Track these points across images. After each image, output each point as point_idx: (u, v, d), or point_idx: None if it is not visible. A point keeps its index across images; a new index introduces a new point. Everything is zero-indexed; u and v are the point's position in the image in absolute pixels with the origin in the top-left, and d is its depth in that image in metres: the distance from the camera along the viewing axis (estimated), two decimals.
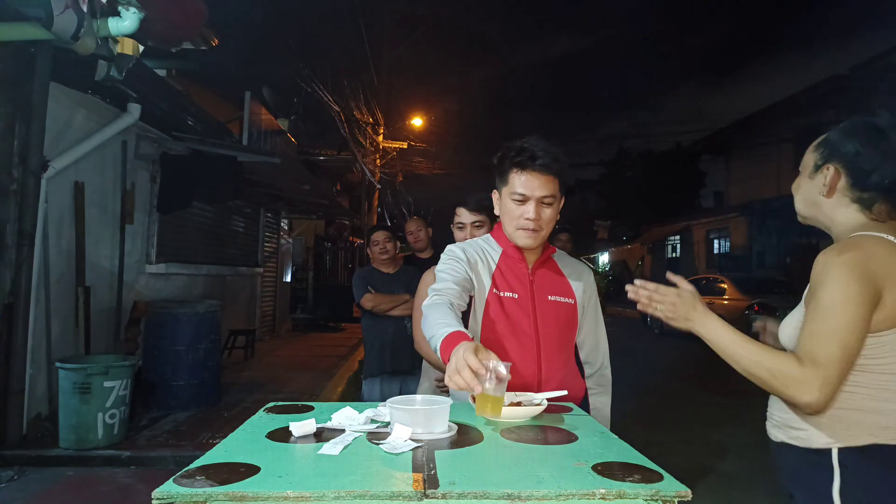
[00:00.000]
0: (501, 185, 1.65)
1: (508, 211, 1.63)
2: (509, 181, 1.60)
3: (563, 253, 1.83)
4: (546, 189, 1.58)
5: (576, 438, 1.20)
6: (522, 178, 1.58)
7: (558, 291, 1.71)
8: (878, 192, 1.24)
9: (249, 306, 9.12)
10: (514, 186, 1.59)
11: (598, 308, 1.83)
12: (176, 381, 4.85)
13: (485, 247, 1.73)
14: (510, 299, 1.64)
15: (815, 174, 1.33)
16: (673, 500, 0.90)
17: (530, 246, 1.65)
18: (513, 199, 1.60)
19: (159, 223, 5.91)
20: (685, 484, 0.92)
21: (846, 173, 1.27)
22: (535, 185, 1.57)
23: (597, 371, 1.83)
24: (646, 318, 14.68)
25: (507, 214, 1.64)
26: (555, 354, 1.66)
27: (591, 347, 1.81)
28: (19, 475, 3.50)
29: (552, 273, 1.74)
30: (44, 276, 4.20)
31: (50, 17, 3.17)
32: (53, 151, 4.20)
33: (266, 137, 8.92)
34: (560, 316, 1.69)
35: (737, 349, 1.22)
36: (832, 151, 1.30)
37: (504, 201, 1.64)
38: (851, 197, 1.28)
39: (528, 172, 1.57)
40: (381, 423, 1.27)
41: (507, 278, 1.67)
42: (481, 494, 0.88)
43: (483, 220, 2.21)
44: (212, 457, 1.05)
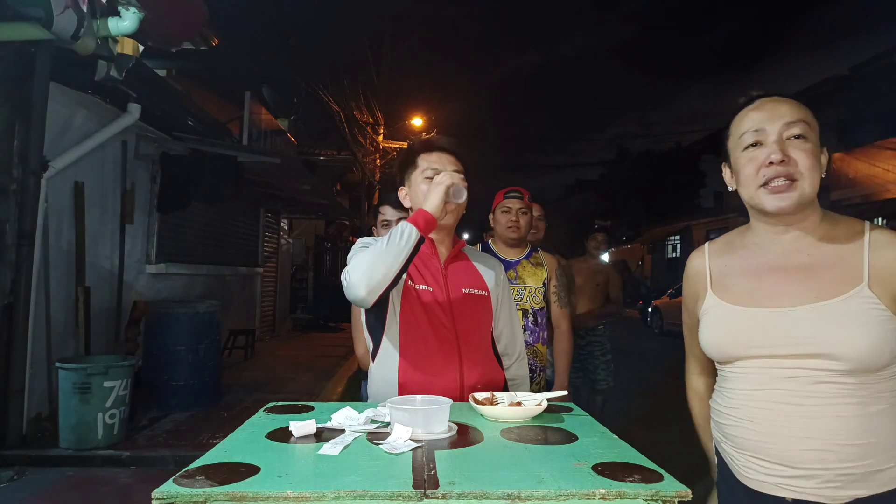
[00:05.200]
0: (411, 173, 1.68)
1: (423, 192, 1.61)
2: (419, 163, 1.66)
3: (472, 248, 1.83)
4: (455, 164, 1.64)
5: (576, 438, 1.19)
6: (433, 157, 1.65)
7: (472, 284, 1.69)
8: None
9: (249, 306, 9.12)
10: (426, 164, 1.64)
11: (511, 300, 1.83)
12: (176, 381, 4.85)
13: None
14: (426, 292, 1.62)
15: (822, 149, 1.16)
16: (673, 500, 0.90)
17: (449, 223, 1.66)
18: (426, 176, 1.62)
19: (159, 223, 5.91)
20: (685, 484, 0.92)
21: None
22: (446, 160, 1.64)
23: (514, 363, 1.81)
24: (646, 319, 14.69)
25: (421, 197, 1.62)
26: (474, 347, 1.65)
27: (509, 340, 1.79)
28: (19, 475, 3.50)
29: (464, 266, 1.73)
30: (44, 276, 4.20)
31: (50, 17, 3.17)
32: (53, 151, 4.19)
33: (266, 137, 8.92)
34: (476, 308, 1.68)
35: None
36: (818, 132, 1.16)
37: (416, 186, 1.65)
38: None
39: (436, 152, 1.65)
40: (381, 423, 1.27)
41: (421, 271, 1.65)
42: (481, 494, 0.88)
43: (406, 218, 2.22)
44: (212, 457, 1.05)
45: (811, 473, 1.07)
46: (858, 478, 1.05)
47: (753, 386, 1.14)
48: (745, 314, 1.16)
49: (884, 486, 1.05)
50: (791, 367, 1.09)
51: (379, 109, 15.32)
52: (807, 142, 1.12)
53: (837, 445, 1.05)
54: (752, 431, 1.14)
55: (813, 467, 1.07)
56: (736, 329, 1.17)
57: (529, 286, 2.52)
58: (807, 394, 1.07)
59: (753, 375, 1.14)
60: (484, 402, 1.40)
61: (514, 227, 2.56)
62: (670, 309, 13.00)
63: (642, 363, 8.48)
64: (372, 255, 1.41)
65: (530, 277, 2.54)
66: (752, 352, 1.14)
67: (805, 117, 1.14)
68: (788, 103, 1.16)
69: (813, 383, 1.07)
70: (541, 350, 2.50)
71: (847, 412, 1.05)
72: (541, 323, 2.52)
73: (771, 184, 1.12)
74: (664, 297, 13.68)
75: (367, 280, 1.39)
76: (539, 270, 2.57)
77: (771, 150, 1.12)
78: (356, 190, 15.74)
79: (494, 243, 2.67)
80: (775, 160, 1.11)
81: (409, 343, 1.58)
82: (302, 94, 10.10)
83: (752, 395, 1.14)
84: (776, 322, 1.11)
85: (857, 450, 1.05)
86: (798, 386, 1.08)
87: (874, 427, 1.05)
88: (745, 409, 1.15)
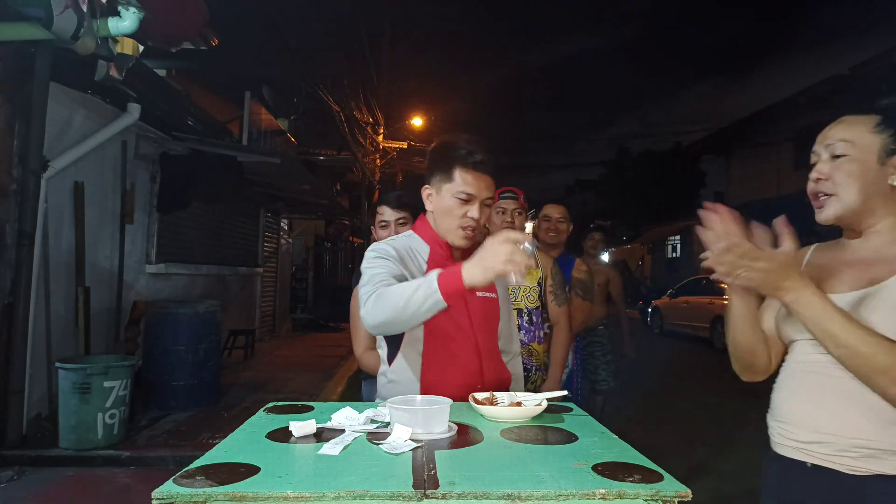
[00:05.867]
0: (443, 182, 1.59)
1: (449, 209, 1.58)
2: (454, 178, 1.56)
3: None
4: (490, 190, 1.59)
5: (576, 438, 1.19)
6: (469, 178, 1.55)
7: (484, 287, 1.70)
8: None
9: (249, 306, 9.12)
10: (461, 185, 1.56)
11: (509, 299, 1.85)
12: (176, 381, 4.86)
13: (409, 244, 1.66)
14: None
15: (887, 159, 1.17)
16: (673, 500, 0.90)
17: (465, 246, 1.62)
18: (457, 198, 1.56)
19: (159, 223, 5.91)
20: (685, 484, 0.92)
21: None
22: (482, 185, 1.56)
23: (511, 360, 1.81)
24: (646, 319, 14.69)
25: (447, 213, 1.59)
26: (491, 350, 1.67)
27: (507, 338, 1.80)
28: (19, 475, 3.50)
29: None
30: (44, 276, 4.20)
31: (50, 17, 3.17)
32: (53, 151, 4.19)
33: (266, 137, 8.92)
34: (488, 311, 1.69)
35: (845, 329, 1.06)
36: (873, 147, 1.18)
37: (444, 198, 1.59)
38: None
39: (475, 173, 1.56)
40: (381, 423, 1.27)
41: None
42: (481, 494, 0.88)
43: (407, 218, 2.16)
44: (212, 457, 1.05)
45: (827, 440, 1.12)
46: (876, 454, 1.08)
47: (795, 363, 1.24)
48: None
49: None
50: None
51: (379, 109, 15.32)
52: (845, 159, 1.19)
53: (857, 417, 1.10)
54: (784, 399, 1.24)
55: (830, 433, 1.12)
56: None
57: (524, 285, 2.54)
58: (839, 367, 1.12)
59: (797, 351, 1.24)
60: (484, 402, 1.40)
61: (510, 228, 2.57)
62: (670, 309, 13.01)
63: (642, 363, 8.47)
64: (391, 310, 1.36)
65: (526, 277, 2.55)
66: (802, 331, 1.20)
67: (843, 136, 1.21)
68: (837, 125, 1.24)
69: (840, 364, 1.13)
70: (536, 349, 2.50)
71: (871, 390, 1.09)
72: (536, 322, 2.52)
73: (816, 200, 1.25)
74: (664, 297, 13.68)
75: (380, 328, 1.46)
76: (534, 271, 2.58)
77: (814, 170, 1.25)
78: (356, 190, 15.74)
79: None
80: (812, 178, 1.25)
81: (433, 346, 1.59)
82: (302, 94, 10.10)
83: (793, 367, 1.24)
84: None
85: (877, 427, 1.08)
86: (827, 364, 1.14)
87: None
88: (784, 380, 1.26)
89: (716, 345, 10.35)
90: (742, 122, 17.67)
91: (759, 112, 16.77)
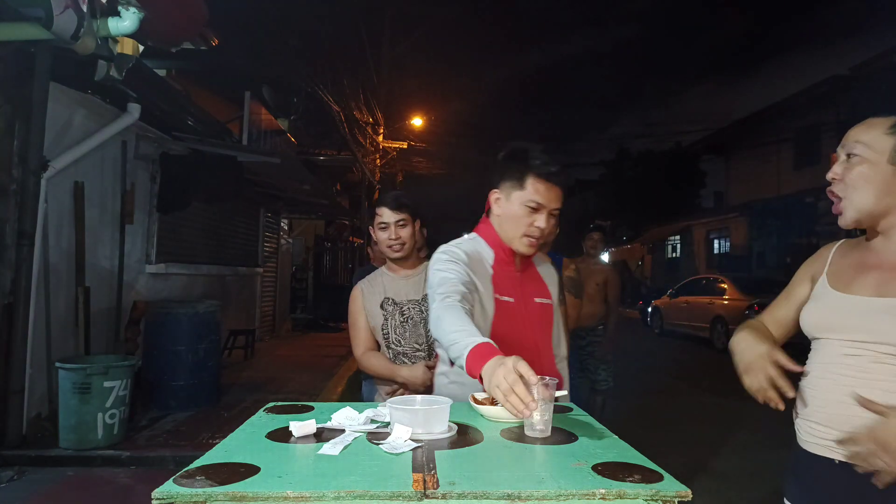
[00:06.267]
0: (513, 189, 1.59)
1: (517, 217, 1.59)
2: (526, 187, 1.57)
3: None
4: (559, 201, 1.59)
5: (576, 438, 1.19)
6: (542, 188, 1.56)
7: (541, 293, 1.73)
8: None
9: (249, 306, 9.12)
10: (532, 194, 1.56)
11: (561, 302, 1.87)
12: (176, 381, 4.86)
13: (476, 247, 1.66)
14: (508, 303, 1.63)
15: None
16: (673, 500, 0.90)
17: (529, 254, 1.64)
18: (527, 206, 1.56)
19: (159, 223, 5.91)
20: (685, 484, 0.92)
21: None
22: (553, 196, 1.57)
23: (560, 363, 1.84)
24: (646, 318, 14.70)
25: (514, 220, 1.60)
26: (550, 356, 1.70)
27: (557, 341, 1.82)
28: (19, 475, 3.50)
29: (532, 273, 1.75)
30: (44, 276, 4.20)
31: (50, 17, 3.17)
32: (53, 151, 4.19)
33: (266, 137, 8.92)
34: (545, 317, 1.71)
35: None
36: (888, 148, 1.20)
37: (513, 205, 1.59)
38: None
39: (547, 183, 1.56)
40: (381, 423, 1.27)
41: (503, 282, 1.64)
42: (481, 494, 0.88)
43: (406, 219, 2.13)
44: (212, 457, 1.05)
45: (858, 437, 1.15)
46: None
47: (824, 360, 1.26)
48: (837, 297, 1.28)
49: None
50: (856, 346, 1.20)
51: (379, 109, 15.33)
52: (857, 160, 1.22)
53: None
54: (813, 397, 1.25)
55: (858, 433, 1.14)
56: (825, 309, 1.29)
57: None
58: (865, 369, 1.17)
59: (827, 349, 1.26)
60: (484, 402, 1.40)
61: None
62: (670, 309, 13.00)
63: (642, 363, 8.48)
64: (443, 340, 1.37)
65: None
66: (832, 330, 1.25)
67: (859, 137, 1.23)
68: (859, 126, 1.26)
69: (872, 362, 1.17)
70: None
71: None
72: None
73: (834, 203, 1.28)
74: (664, 297, 13.68)
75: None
76: None
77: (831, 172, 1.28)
78: (356, 190, 15.74)
79: None
80: (828, 178, 1.27)
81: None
82: (302, 94, 10.10)
83: (821, 366, 1.26)
84: (851, 307, 1.23)
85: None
86: (859, 362, 1.19)
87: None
88: (812, 378, 1.27)
89: (716, 345, 10.35)
90: (742, 122, 17.68)
91: (759, 112, 16.79)
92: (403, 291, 2.15)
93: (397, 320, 2.12)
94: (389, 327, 2.12)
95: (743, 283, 11.05)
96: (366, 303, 2.16)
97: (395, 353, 2.11)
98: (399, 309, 2.13)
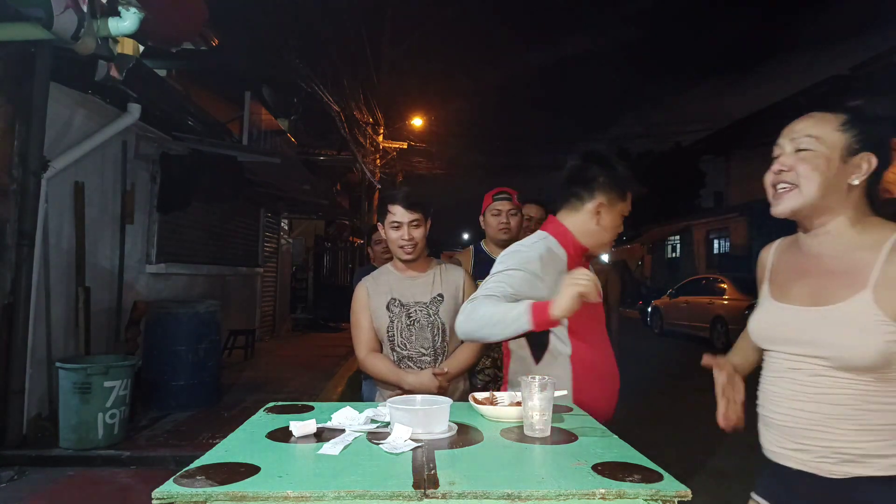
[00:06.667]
0: (618, 201, 1.69)
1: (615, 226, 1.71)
2: (626, 200, 1.71)
3: None
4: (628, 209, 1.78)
5: (576, 438, 1.20)
6: (631, 201, 1.72)
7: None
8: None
9: (249, 306, 9.12)
10: (628, 207, 1.71)
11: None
12: (176, 381, 4.86)
13: (550, 246, 1.67)
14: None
15: (849, 158, 1.19)
16: (673, 499, 0.90)
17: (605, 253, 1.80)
18: (622, 215, 1.71)
19: (159, 223, 5.91)
20: (685, 483, 0.92)
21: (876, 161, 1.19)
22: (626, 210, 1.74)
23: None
24: (646, 318, 14.70)
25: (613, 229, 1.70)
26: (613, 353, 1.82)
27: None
28: (19, 475, 3.50)
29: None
30: (44, 276, 4.20)
31: (50, 17, 3.17)
32: (53, 151, 4.19)
33: (266, 137, 8.93)
34: (601, 317, 1.81)
35: None
36: (869, 137, 1.19)
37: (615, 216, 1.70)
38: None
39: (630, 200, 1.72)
40: (381, 423, 1.27)
41: None
42: (481, 494, 0.88)
43: (420, 219, 2.03)
44: (212, 457, 1.05)
45: (808, 447, 1.17)
46: (852, 458, 1.13)
47: (773, 372, 1.27)
48: (776, 308, 1.29)
49: (883, 471, 1.12)
50: (797, 360, 1.21)
51: (379, 109, 15.32)
52: (809, 154, 1.20)
53: (831, 427, 1.15)
54: (768, 409, 1.27)
55: (809, 443, 1.17)
56: (766, 321, 1.30)
57: None
58: (808, 382, 1.18)
59: (774, 362, 1.27)
60: (484, 402, 1.40)
61: (505, 229, 2.60)
62: (670, 309, 13.00)
63: (642, 363, 8.47)
64: (484, 322, 1.43)
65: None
66: (774, 342, 1.27)
67: (809, 131, 1.22)
68: (803, 120, 1.26)
69: (813, 375, 1.18)
70: None
71: (843, 401, 1.14)
72: None
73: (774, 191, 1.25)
74: (664, 297, 13.68)
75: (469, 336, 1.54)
76: None
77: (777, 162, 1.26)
78: (356, 190, 15.75)
79: (487, 244, 2.69)
80: (774, 170, 1.25)
81: (581, 346, 1.66)
82: (302, 94, 10.10)
83: (772, 378, 1.27)
84: (789, 318, 1.23)
85: (851, 434, 1.13)
86: (802, 376, 1.20)
87: (870, 417, 1.12)
88: (767, 390, 1.28)
89: (716, 345, 10.36)
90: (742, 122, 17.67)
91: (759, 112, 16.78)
92: (410, 293, 2.07)
93: (403, 323, 2.05)
94: (395, 329, 2.05)
95: (743, 283, 11.05)
96: (370, 302, 2.08)
97: (400, 357, 2.04)
98: (406, 311, 2.05)
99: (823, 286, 1.19)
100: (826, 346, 1.15)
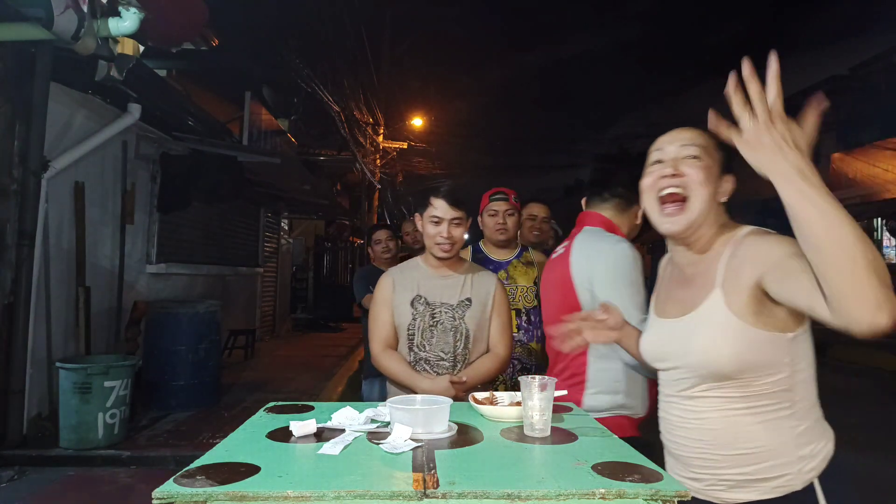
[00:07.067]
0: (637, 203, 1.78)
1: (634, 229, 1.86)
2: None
3: None
4: None
5: (576, 438, 1.20)
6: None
7: None
8: None
9: (249, 306, 9.12)
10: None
11: None
12: (176, 381, 4.86)
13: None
14: None
15: (722, 176, 1.22)
16: (672, 499, 0.90)
17: None
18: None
19: (159, 223, 5.91)
20: None
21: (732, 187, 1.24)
22: None
23: None
24: None
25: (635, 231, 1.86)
26: None
27: None
28: (19, 475, 3.50)
29: None
30: (44, 276, 4.20)
31: (50, 17, 3.17)
32: (54, 151, 4.20)
33: (266, 137, 8.92)
34: None
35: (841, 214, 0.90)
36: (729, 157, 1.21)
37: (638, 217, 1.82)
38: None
39: None
40: (381, 423, 1.27)
41: None
42: (481, 494, 0.88)
43: (461, 218, 1.95)
44: (212, 457, 1.05)
45: (698, 476, 1.18)
46: (737, 484, 1.14)
47: (664, 395, 1.26)
48: (657, 325, 1.29)
49: (771, 493, 1.11)
50: (677, 375, 1.20)
51: (379, 109, 15.32)
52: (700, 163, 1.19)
53: (711, 454, 1.15)
54: (665, 437, 1.27)
55: (699, 472, 1.18)
56: (649, 339, 1.30)
57: (521, 286, 2.54)
58: (689, 407, 1.18)
59: (664, 383, 1.26)
60: (484, 402, 1.40)
61: (502, 229, 2.57)
62: None
63: None
64: None
65: (521, 277, 2.56)
66: (657, 359, 1.26)
67: (696, 141, 1.21)
68: (687, 130, 1.24)
69: (690, 398, 1.18)
70: (535, 348, 2.51)
71: (717, 424, 1.14)
72: (534, 321, 2.53)
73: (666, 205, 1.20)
74: None
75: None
76: (530, 270, 2.58)
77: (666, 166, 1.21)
78: (356, 190, 15.74)
79: (485, 244, 2.68)
80: (665, 174, 1.20)
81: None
82: (302, 94, 10.09)
83: (664, 403, 1.26)
84: (667, 333, 1.23)
85: (730, 460, 1.13)
86: (680, 400, 1.20)
87: (743, 442, 1.11)
88: (662, 417, 1.28)
89: None
90: None
91: None
92: (438, 292, 1.96)
93: (426, 322, 1.93)
94: (416, 329, 1.94)
95: None
96: (394, 297, 1.97)
97: (417, 358, 1.93)
98: (430, 311, 1.94)
99: (691, 296, 1.19)
100: (691, 354, 1.14)
